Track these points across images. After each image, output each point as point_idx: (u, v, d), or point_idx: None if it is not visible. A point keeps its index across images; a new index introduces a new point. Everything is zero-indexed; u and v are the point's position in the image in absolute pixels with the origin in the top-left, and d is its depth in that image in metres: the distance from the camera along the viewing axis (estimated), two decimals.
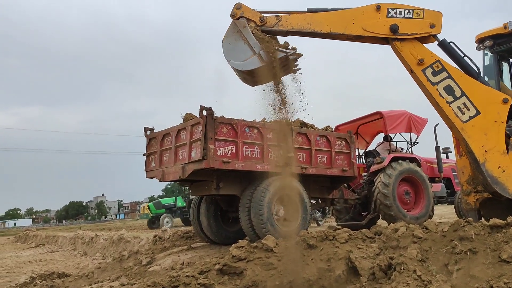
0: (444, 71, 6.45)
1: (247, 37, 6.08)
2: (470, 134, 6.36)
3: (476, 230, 4.74)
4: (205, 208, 8.21)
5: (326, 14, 6.62)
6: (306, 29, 6.52)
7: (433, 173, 11.30)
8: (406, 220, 8.70)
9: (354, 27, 6.51)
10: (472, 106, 6.34)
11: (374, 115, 10.72)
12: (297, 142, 7.64)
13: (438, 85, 6.44)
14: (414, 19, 6.48)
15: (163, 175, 7.36)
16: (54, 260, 13.84)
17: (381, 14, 6.49)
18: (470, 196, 7.06)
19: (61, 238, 21.33)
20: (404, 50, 6.52)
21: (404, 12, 6.48)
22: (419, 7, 6.52)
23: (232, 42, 6.16)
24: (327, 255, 5.37)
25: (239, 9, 6.37)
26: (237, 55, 6.04)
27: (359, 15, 6.52)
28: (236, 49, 6.07)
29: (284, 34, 6.58)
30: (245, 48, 6.05)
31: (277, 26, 6.47)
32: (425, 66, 6.46)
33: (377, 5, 6.49)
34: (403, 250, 5.02)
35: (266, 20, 6.46)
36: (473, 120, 6.33)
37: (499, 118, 6.28)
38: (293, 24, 6.51)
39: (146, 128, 8.00)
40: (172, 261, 7.30)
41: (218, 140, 6.66)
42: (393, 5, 6.51)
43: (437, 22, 6.49)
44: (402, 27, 6.43)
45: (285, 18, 6.54)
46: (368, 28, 6.48)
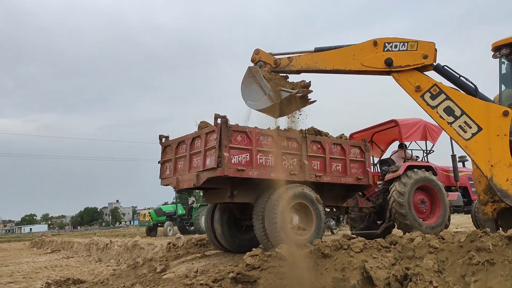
0: (442, 93, 6.63)
1: (259, 80, 7.08)
2: (474, 151, 6.42)
3: (494, 241, 4.66)
4: (219, 216, 8.22)
5: (329, 53, 7.25)
6: (313, 68, 7.27)
7: (449, 182, 11.16)
8: (421, 229, 8.59)
9: (354, 63, 7.02)
10: (473, 123, 6.42)
11: (389, 123, 10.66)
12: (312, 150, 7.63)
13: (438, 108, 6.63)
14: (408, 51, 6.80)
15: (178, 183, 7.40)
16: (69, 266, 13.98)
17: (378, 49, 6.92)
18: (487, 205, 6.96)
19: (76, 244, 21.54)
20: (401, 80, 6.85)
21: (399, 45, 6.84)
22: (414, 39, 6.84)
23: (247, 85, 7.21)
24: (341, 265, 5.33)
25: (257, 54, 7.57)
26: (252, 96, 7.10)
27: (358, 51, 7.03)
28: (251, 91, 7.12)
29: (296, 72, 7.47)
30: (258, 90, 7.07)
31: (289, 67, 7.42)
32: (423, 91, 6.71)
33: (374, 41, 6.96)
34: (419, 261, 4.96)
35: (280, 62, 7.48)
36: (476, 137, 6.39)
37: (501, 132, 6.29)
38: (302, 64, 7.34)
39: (161, 135, 8.07)
40: (186, 268, 7.31)
41: (232, 148, 6.69)
42: (389, 39, 6.90)
43: (430, 53, 6.75)
44: (397, 60, 6.80)
45: (295, 59, 7.41)
46: (366, 63, 6.93)
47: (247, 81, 7.28)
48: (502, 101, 7.15)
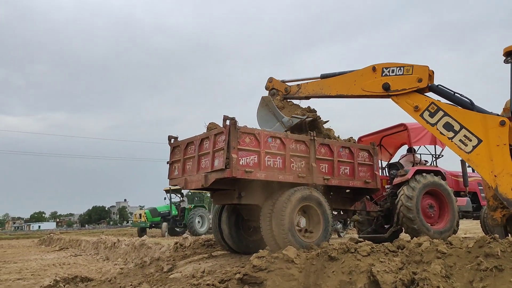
0: (440, 110, 6.88)
1: (273, 109, 8.07)
2: (477, 163, 6.56)
3: (503, 247, 4.64)
4: (226, 217, 8.25)
5: (333, 80, 7.88)
6: (319, 94, 7.97)
7: (458, 187, 11.08)
8: (429, 234, 8.54)
9: (355, 88, 7.57)
10: (473, 136, 6.57)
11: (398, 127, 10.62)
12: (320, 153, 7.63)
13: (437, 125, 6.87)
14: (404, 76, 7.18)
15: (186, 183, 7.44)
16: (77, 264, 14.08)
17: (376, 74, 7.39)
18: (497, 211, 6.93)
19: (84, 242, 21.68)
20: (400, 102, 7.25)
21: (396, 70, 7.25)
22: (409, 64, 7.22)
23: (263, 114, 8.18)
24: (348, 268, 5.32)
25: (271, 83, 8.54)
26: (267, 124, 7.97)
27: (359, 77, 7.55)
28: (266, 119, 8.07)
29: (305, 98, 8.29)
30: (272, 117, 8.03)
31: (298, 93, 8.27)
32: (422, 110, 7.02)
33: (373, 66, 7.45)
34: (427, 265, 4.94)
35: (290, 90, 8.37)
36: (477, 149, 6.52)
37: (501, 141, 6.37)
38: (309, 91, 8.13)
39: (170, 136, 8.12)
40: (193, 268, 7.34)
41: (240, 150, 6.71)
42: (387, 64, 7.35)
43: (424, 76, 7.08)
44: (393, 84, 7.20)
45: (304, 86, 8.20)
46: (366, 88, 7.44)
47: (261, 110, 8.21)
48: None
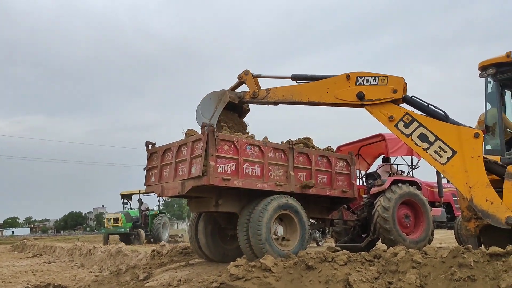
0: (415, 121, 6.84)
1: (217, 110, 7.85)
2: (451, 174, 6.58)
3: (476, 258, 4.72)
4: (203, 226, 8.18)
5: (305, 86, 7.63)
6: (289, 100, 7.61)
7: (433, 197, 11.25)
8: (405, 244, 8.63)
9: (328, 96, 7.35)
10: (447, 147, 6.59)
11: (376, 137, 10.74)
12: (298, 161, 7.65)
13: (412, 135, 6.83)
14: (379, 86, 7.07)
15: (163, 190, 7.36)
16: (50, 271, 13.73)
17: (350, 82, 7.22)
18: (470, 222, 7.03)
19: (58, 248, 21.19)
20: (374, 112, 7.13)
21: (370, 79, 7.13)
22: (384, 74, 7.13)
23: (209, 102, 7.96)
24: (325, 277, 5.33)
25: (246, 75, 7.97)
26: (204, 112, 7.88)
27: (332, 85, 7.33)
28: (208, 109, 7.91)
29: (273, 104, 7.87)
30: (210, 112, 7.85)
31: (267, 98, 7.79)
32: (396, 121, 6.93)
33: (347, 75, 7.23)
34: (402, 275, 4.99)
35: (258, 94, 7.85)
36: (451, 161, 6.54)
37: (475, 153, 6.43)
38: (279, 96, 7.69)
39: (147, 142, 8.03)
40: (169, 277, 7.24)
41: (219, 157, 6.68)
42: (361, 73, 7.21)
43: (399, 87, 7.01)
44: (368, 93, 7.07)
45: (273, 91, 7.75)
46: (339, 96, 7.25)
47: (213, 98, 7.99)
48: (487, 120, 7.27)
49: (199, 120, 7.99)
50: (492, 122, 7.18)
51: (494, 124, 7.13)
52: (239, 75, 8.04)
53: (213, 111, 7.88)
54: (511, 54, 6.96)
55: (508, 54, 6.99)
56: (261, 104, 8.04)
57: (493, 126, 7.14)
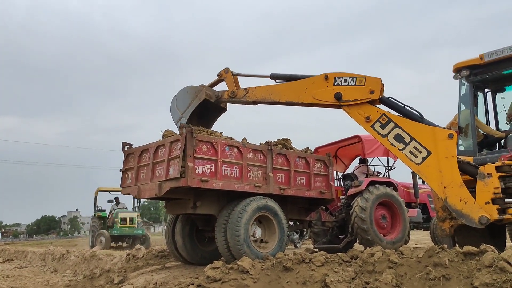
0: (391, 122, 6.91)
1: (191, 105, 7.80)
2: (426, 174, 6.68)
3: (450, 257, 4.80)
4: (180, 227, 8.07)
5: (284, 85, 7.61)
6: (268, 100, 7.60)
7: (409, 198, 11.42)
8: (382, 244, 8.72)
9: (306, 96, 7.33)
10: (422, 148, 6.67)
11: (353, 138, 10.85)
12: (277, 162, 7.64)
13: (388, 136, 6.90)
14: (357, 86, 7.11)
15: (139, 192, 7.23)
16: (22, 276, 13.36)
17: (328, 83, 7.23)
18: (445, 222, 7.15)
19: (30, 253, 20.66)
20: (351, 112, 7.17)
21: (348, 80, 7.16)
22: (362, 75, 7.16)
23: (185, 96, 7.90)
24: (303, 278, 5.33)
25: (226, 73, 7.92)
26: (179, 105, 7.92)
27: (310, 85, 7.34)
28: (183, 102, 7.89)
29: (251, 103, 7.83)
30: (184, 106, 7.83)
31: (245, 98, 7.74)
32: (373, 122, 7.00)
33: (326, 75, 7.24)
34: (379, 275, 5.03)
35: (237, 93, 7.79)
36: (426, 161, 6.63)
37: (449, 154, 6.54)
38: (257, 96, 7.65)
39: (124, 143, 7.88)
40: (145, 280, 7.13)
41: (197, 158, 6.60)
42: (339, 74, 7.23)
43: (376, 88, 7.06)
44: (345, 94, 7.10)
45: (251, 90, 7.71)
46: (317, 96, 7.26)
47: (190, 92, 7.91)
48: (460, 121, 7.42)
49: (172, 111, 8.00)
50: (464, 123, 7.33)
51: (467, 125, 7.28)
52: (219, 72, 7.98)
53: (188, 105, 7.83)
54: (484, 56, 7.12)
55: (482, 57, 7.16)
56: (240, 103, 7.98)
57: (465, 127, 7.29)
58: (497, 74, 7.29)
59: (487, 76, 7.36)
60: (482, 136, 7.58)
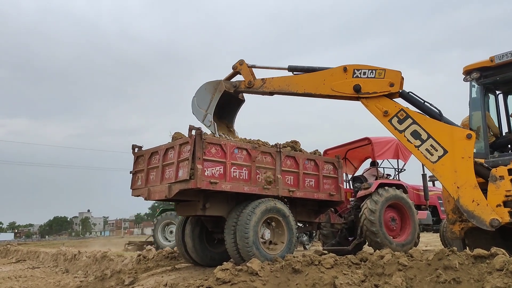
0: (409, 118, 6.86)
1: (213, 100, 7.84)
2: (441, 173, 6.61)
3: (460, 260, 4.77)
4: (190, 230, 8.11)
5: (302, 77, 7.57)
6: (285, 90, 7.58)
7: (419, 201, 11.34)
8: (392, 247, 8.68)
9: (324, 88, 7.28)
10: (439, 146, 6.62)
11: (362, 140, 10.81)
12: (286, 164, 7.65)
13: (405, 132, 6.85)
14: (376, 79, 7.04)
15: (149, 194, 7.29)
16: (34, 277, 13.52)
17: (347, 75, 7.18)
18: (455, 225, 7.10)
19: (43, 254, 20.88)
20: (370, 105, 7.10)
21: (367, 72, 7.10)
22: (381, 68, 7.10)
23: (205, 93, 7.95)
24: (312, 280, 5.34)
25: (241, 65, 7.89)
26: (200, 102, 7.93)
27: (329, 77, 7.29)
28: (203, 99, 7.92)
29: (268, 94, 7.80)
30: (206, 103, 7.87)
31: (262, 88, 7.74)
32: (391, 116, 6.94)
33: (344, 67, 7.19)
34: (388, 278, 5.01)
35: (254, 83, 7.78)
36: (442, 159, 6.57)
37: (466, 154, 6.48)
38: (275, 86, 7.64)
39: (134, 145, 7.96)
40: (155, 281, 7.17)
41: (206, 161, 6.64)
42: (358, 66, 7.16)
43: (396, 81, 6.99)
44: (365, 86, 7.05)
45: (269, 80, 7.69)
46: (335, 88, 7.20)
47: (208, 88, 7.94)
48: (472, 124, 7.35)
49: (195, 112, 7.95)
50: (476, 125, 7.27)
51: (478, 127, 7.22)
52: (234, 65, 7.93)
53: (209, 102, 7.84)
54: (494, 58, 7.06)
55: (492, 59, 7.10)
56: (257, 94, 7.93)
57: (477, 129, 7.22)
58: (508, 76, 7.22)
59: (498, 78, 7.30)
60: (493, 139, 7.51)
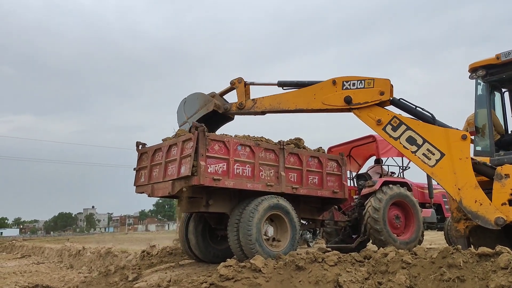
0: (403, 124, 6.83)
1: (198, 112, 7.84)
2: (440, 176, 6.58)
3: (465, 258, 4.74)
4: (193, 226, 8.13)
5: (292, 93, 7.56)
6: (277, 108, 7.56)
7: (423, 199, 11.30)
8: (396, 245, 8.65)
9: (315, 102, 7.29)
10: (435, 149, 6.58)
11: (367, 138, 10.77)
12: (289, 162, 7.64)
13: (400, 138, 6.81)
14: (366, 89, 7.05)
15: (153, 191, 7.30)
16: (39, 272, 13.63)
17: (337, 87, 7.20)
18: (460, 223, 7.07)
19: (47, 249, 21.03)
20: (362, 115, 7.10)
21: (357, 83, 7.11)
22: (370, 77, 7.10)
23: (195, 101, 7.96)
24: (315, 278, 5.33)
25: (239, 83, 7.86)
26: (189, 107, 8.01)
27: (319, 91, 7.32)
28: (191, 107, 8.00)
29: (260, 113, 7.75)
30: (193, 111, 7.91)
31: (254, 108, 7.71)
32: (384, 124, 6.93)
33: (333, 80, 7.20)
34: (392, 276, 5.00)
35: (245, 105, 7.76)
36: (440, 163, 6.53)
37: (463, 155, 6.45)
38: (266, 105, 7.63)
39: (138, 142, 7.98)
40: (158, 278, 7.19)
41: (209, 157, 6.65)
42: (347, 78, 7.20)
43: (386, 89, 7.00)
44: (355, 97, 7.05)
45: (260, 100, 7.69)
46: (326, 102, 7.22)
47: (200, 99, 7.96)
48: (477, 122, 7.30)
49: (179, 114, 8.08)
50: (481, 123, 7.22)
51: (484, 125, 7.17)
52: (232, 80, 7.94)
53: (195, 112, 7.88)
54: (501, 56, 7.00)
55: (498, 56, 7.04)
56: (248, 114, 7.94)
57: (482, 127, 7.18)
58: None
59: (503, 76, 7.24)
60: (498, 137, 7.46)
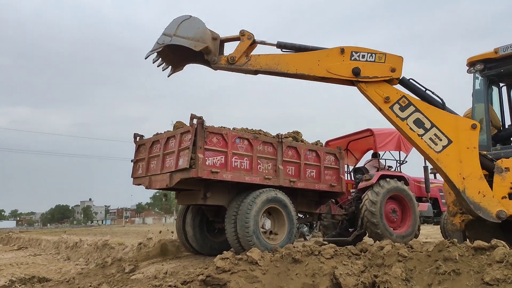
0: (411, 105, 6.60)
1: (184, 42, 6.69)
2: (445, 163, 6.43)
3: (461, 252, 4.76)
4: (191, 218, 8.14)
5: (293, 55, 6.88)
6: (273, 69, 6.82)
7: (420, 193, 11.34)
8: (392, 238, 8.69)
9: (319, 69, 6.74)
10: (443, 135, 6.44)
11: (364, 132, 10.79)
12: (287, 155, 7.64)
13: (408, 120, 6.57)
14: (376, 63, 6.69)
15: (150, 183, 7.30)
16: (36, 264, 13.63)
17: (345, 57, 6.73)
18: (456, 217, 7.09)
19: (44, 241, 21.03)
20: (369, 90, 6.72)
21: (367, 55, 6.71)
22: (382, 51, 6.73)
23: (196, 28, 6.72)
24: (312, 270, 5.34)
25: (249, 39, 6.84)
26: (187, 29, 6.74)
27: (324, 57, 6.78)
28: (186, 30, 6.72)
29: (253, 73, 6.93)
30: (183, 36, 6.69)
31: (247, 65, 6.82)
32: (392, 103, 6.62)
33: (342, 48, 6.72)
34: (388, 269, 5.02)
35: (237, 60, 6.79)
36: (446, 149, 6.41)
37: (471, 144, 6.37)
38: (262, 64, 6.81)
39: (135, 134, 7.96)
40: (155, 269, 7.21)
41: (207, 150, 6.64)
42: (356, 48, 6.77)
43: (398, 67, 6.70)
44: (364, 70, 6.65)
45: (255, 58, 6.85)
46: (332, 70, 6.72)
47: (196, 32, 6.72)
48: (474, 116, 7.32)
49: (173, 23, 6.89)
50: (479, 117, 7.23)
51: (481, 119, 7.18)
52: (243, 31, 6.89)
53: (183, 38, 6.74)
54: (499, 50, 7.00)
55: (496, 50, 7.04)
56: (239, 72, 7.02)
57: (480, 121, 7.19)
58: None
59: (502, 70, 7.24)
60: (495, 131, 7.48)
